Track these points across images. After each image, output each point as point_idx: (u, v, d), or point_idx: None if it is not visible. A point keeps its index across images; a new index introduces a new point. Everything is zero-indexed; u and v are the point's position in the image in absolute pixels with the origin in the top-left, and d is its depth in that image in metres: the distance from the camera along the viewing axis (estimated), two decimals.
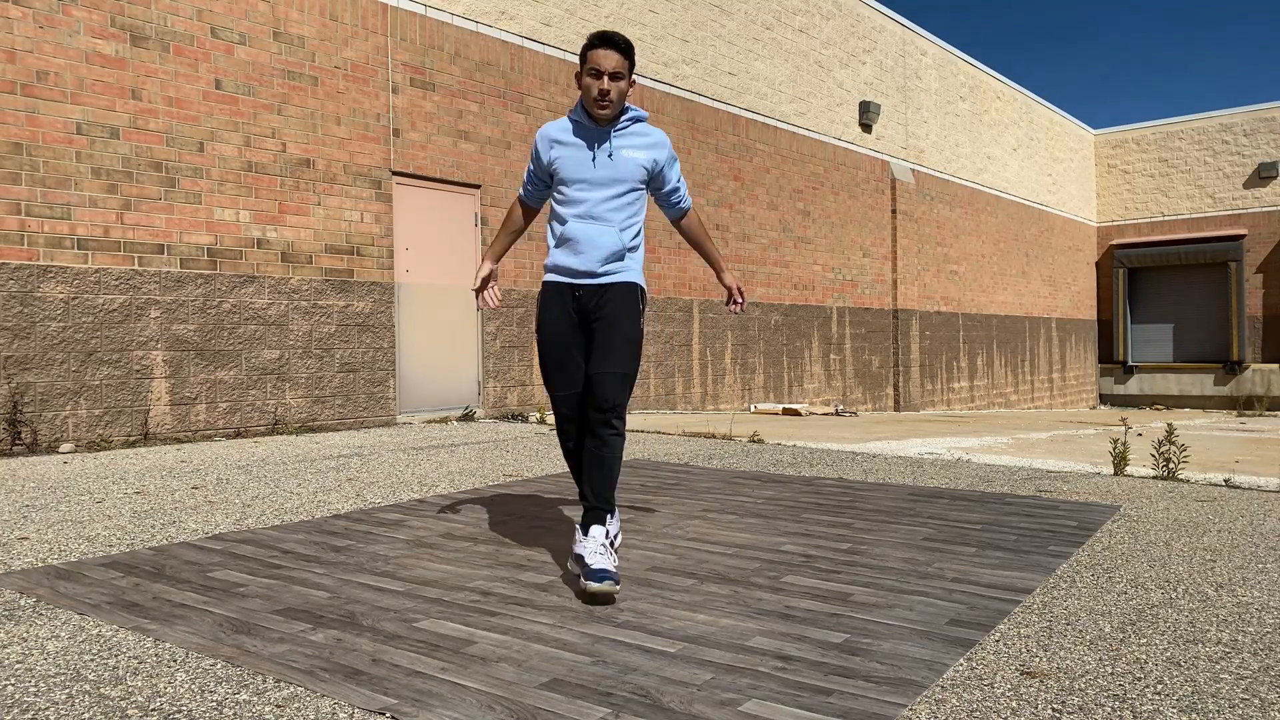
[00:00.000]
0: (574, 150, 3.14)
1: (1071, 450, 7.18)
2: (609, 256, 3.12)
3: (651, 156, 3.17)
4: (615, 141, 3.14)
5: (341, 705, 2.03)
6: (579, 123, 3.16)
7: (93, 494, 4.80)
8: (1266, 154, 22.30)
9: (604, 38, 3.07)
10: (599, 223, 3.12)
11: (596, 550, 2.89)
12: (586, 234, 3.11)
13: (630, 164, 3.13)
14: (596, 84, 3.05)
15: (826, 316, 14.84)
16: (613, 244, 3.11)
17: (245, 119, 7.83)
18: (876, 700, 2.05)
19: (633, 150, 3.15)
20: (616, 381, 3.04)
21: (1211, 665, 2.27)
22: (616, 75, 3.06)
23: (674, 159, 3.28)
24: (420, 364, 9.20)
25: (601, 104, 3.07)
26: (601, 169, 3.11)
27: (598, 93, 3.05)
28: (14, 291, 6.59)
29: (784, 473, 5.60)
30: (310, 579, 3.09)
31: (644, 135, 3.18)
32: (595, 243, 3.10)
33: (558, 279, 3.17)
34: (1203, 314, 23.24)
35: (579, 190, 3.12)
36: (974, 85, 19.27)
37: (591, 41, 3.08)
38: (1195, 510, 4.32)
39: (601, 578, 2.76)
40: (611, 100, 3.06)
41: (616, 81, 3.06)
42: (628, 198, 3.15)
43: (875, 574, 3.13)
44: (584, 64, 3.10)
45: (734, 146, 13.00)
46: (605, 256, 3.11)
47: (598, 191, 3.12)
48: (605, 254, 3.11)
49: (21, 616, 2.70)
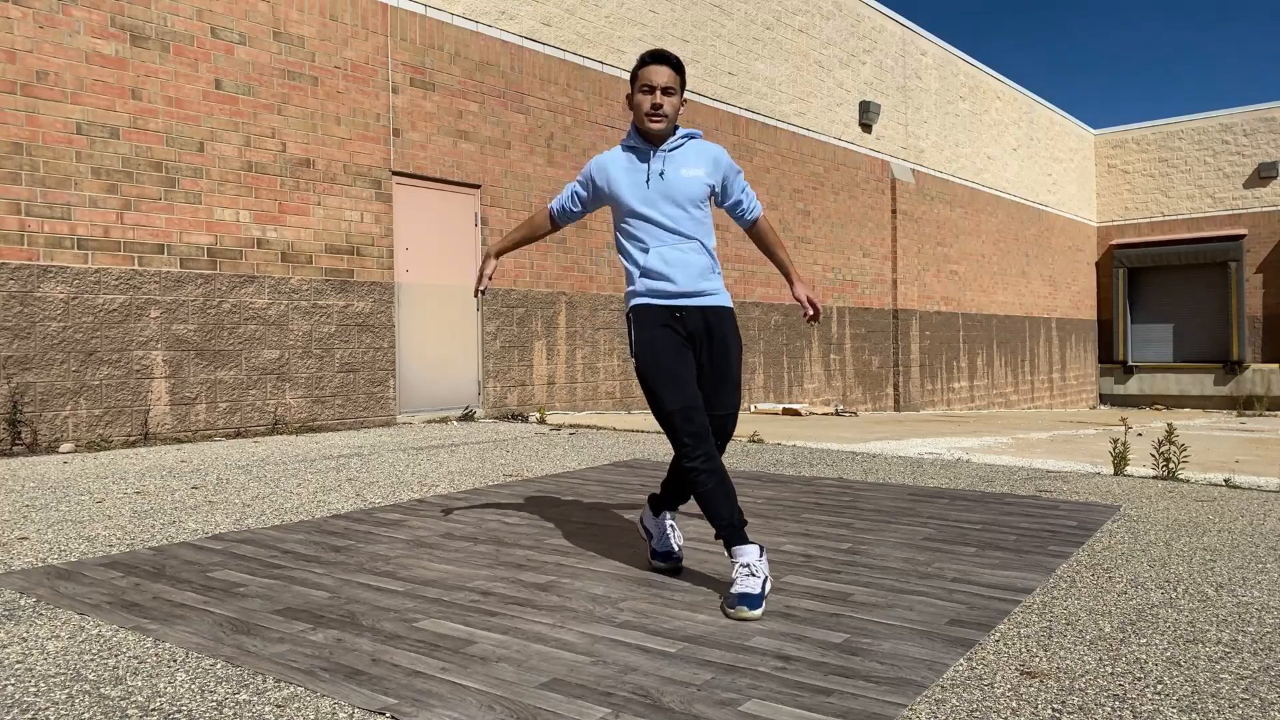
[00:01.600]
0: (633, 176, 3.10)
1: (1071, 450, 7.18)
2: (703, 270, 3.07)
3: (711, 171, 3.12)
4: (670, 163, 3.09)
5: (341, 705, 2.03)
6: (633, 147, 3.13)
7: (93, 494, 4.80)
8: (1266, 154, 22.30)
9: (655, 55, 3.08)
10: (679, 244, 3.06)
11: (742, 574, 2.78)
12: (673, 256, 3.04)
13: (691, 183, 3.08)
14: (649, 99, 3.04)
15: (826, 316, 14.84)
16: (701, 259, 3.07)
17: (245, 119, 7.83)
18: (876, 700, 2.05)
19: (691, 169, 3.10)
20: (733, 421, 3.09)
21: (1211, 665, 2.27)
22: (669, 90, 3.06)
23: (736, 170, 3.22)
24: (420, 364, 9.20)
25: (655, 118, 3.04)
26: (660, 191, 3.07)
27: (650, 106, 3.04)
28: (14, 291, 6.59)
29: (784, 473, 5.60)
30: (310, 579, 3.09)
31: (700, 151, 3.13)
32: (686, 262, 3.05)
33: (653, 301, 3.05)
34: (1203, 314, 23.24)
35: (646, 218, 3.07)
36: (974, 85, 19.27)
37: (643, 59, 3.09)
38: (1195, 510, 4.32)
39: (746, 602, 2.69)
40: (665, 114, 3.05)
41: (669, 96, 3.06)
42: (695, 215, 3.09)
43: (875, 574, 3.13)
44: (635, 82, 3.08)
45: (734, 146, 13.00)
46: (699, 272, 3.05)
47: (664, 213, 3.06)
48: (698, 269, 3.05)
49: (21, 616, 2.70)
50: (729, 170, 3.18)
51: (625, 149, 3.16)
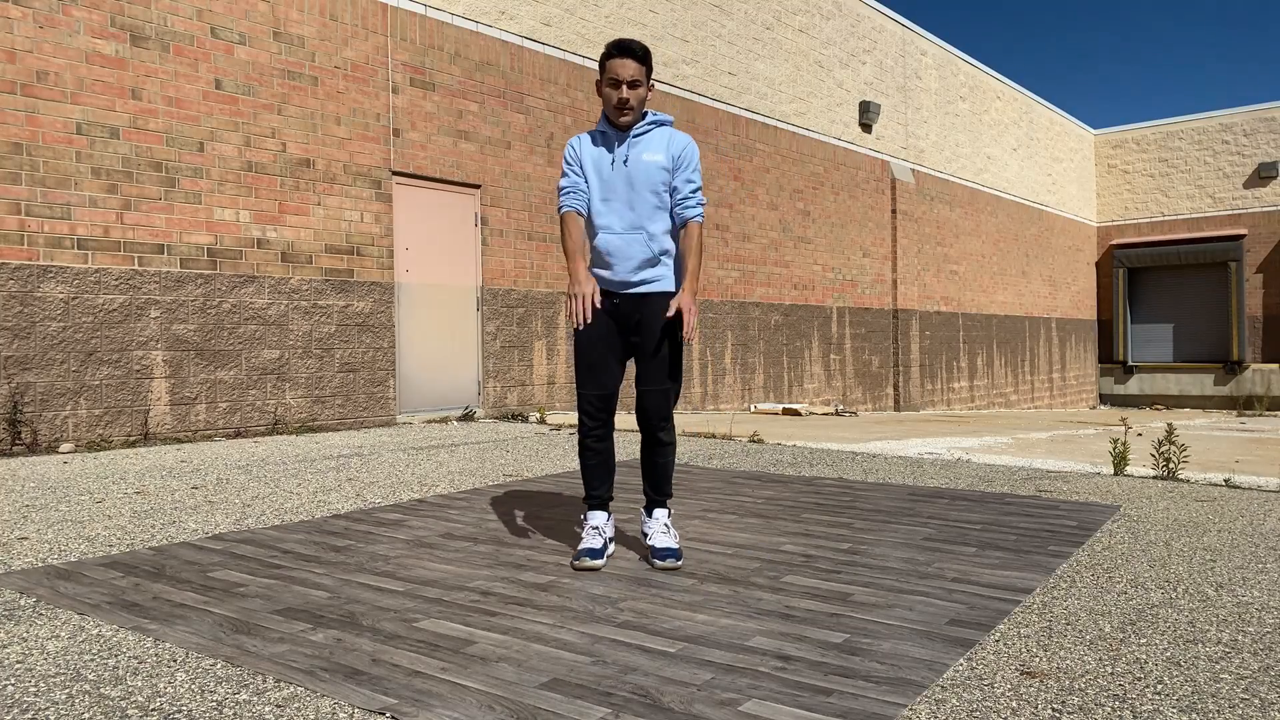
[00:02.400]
0: (596, 160, 3.23)
1: (1071, 450, 7.18)
2: (641, 264, 3.21)
3: (670, 158, 3.21)
4: (634, 148, 3.21)
5: (341, 705, 2.03)
6: (602, 132, 3.26)
7: (93, 494, 4.80)
8: (1266, 154, 22.30)
9: (620, 46, 3.15)
10: (626, 234, 3.20)
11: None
12: (615, 246, 3.20)
13: (648, 167, 3.19)
14: (616, 93, 3.16)
15: (826, 316, 14.84)
16: (642, 252, 3.21)
17: (245, 119, 7.83)
18: (876, 700, 2.05)
19: (651, 154, 3.20)
20: (660, 398, 3.25)
21: (1211, 665, 2.27)
22: (635, 83, 3.15)
23: (689, 160, 3.24)
24: (420, 364, 9.20)
25: (623, 112, 3.17)
26: (620, 175, 3.19)
27: (617, 101, 3.16)
28: (14, 291, 6.59)
29: (784, 473, 5.60)
30: (310, 579, 3.09)
31: (663, 138, 3.23)
32: (625, 253, 3.20)
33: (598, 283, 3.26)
34: (1202, 314, 23.24)
35: (605, 201, 3.21)
36: (974, 85, 19.27)
37: (609, 51, 3.17)
38: (1195, 510, 4.32)
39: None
40: (632, 107, 3.17)
41: (635, 89, 3.16)
42: (653, 201, 3.20)
43: (875, 574, 3.13)
44: (603, 74, 3.18)
45: (734, 146, 13.00)
46: (637, 265, 3.21)
47: (619, 199, 3.20)
48: (636, 263, 3.20)
49: (21, 616, 2.70)
50: (683, 159, 3.23)
51: (597, 134, 3.28)
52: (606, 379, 3.26)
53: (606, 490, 3.36)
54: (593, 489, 3.35)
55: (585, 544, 3.26)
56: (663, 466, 3.34)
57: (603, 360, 3.24)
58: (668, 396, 3.26)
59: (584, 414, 3.29)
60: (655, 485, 3.36)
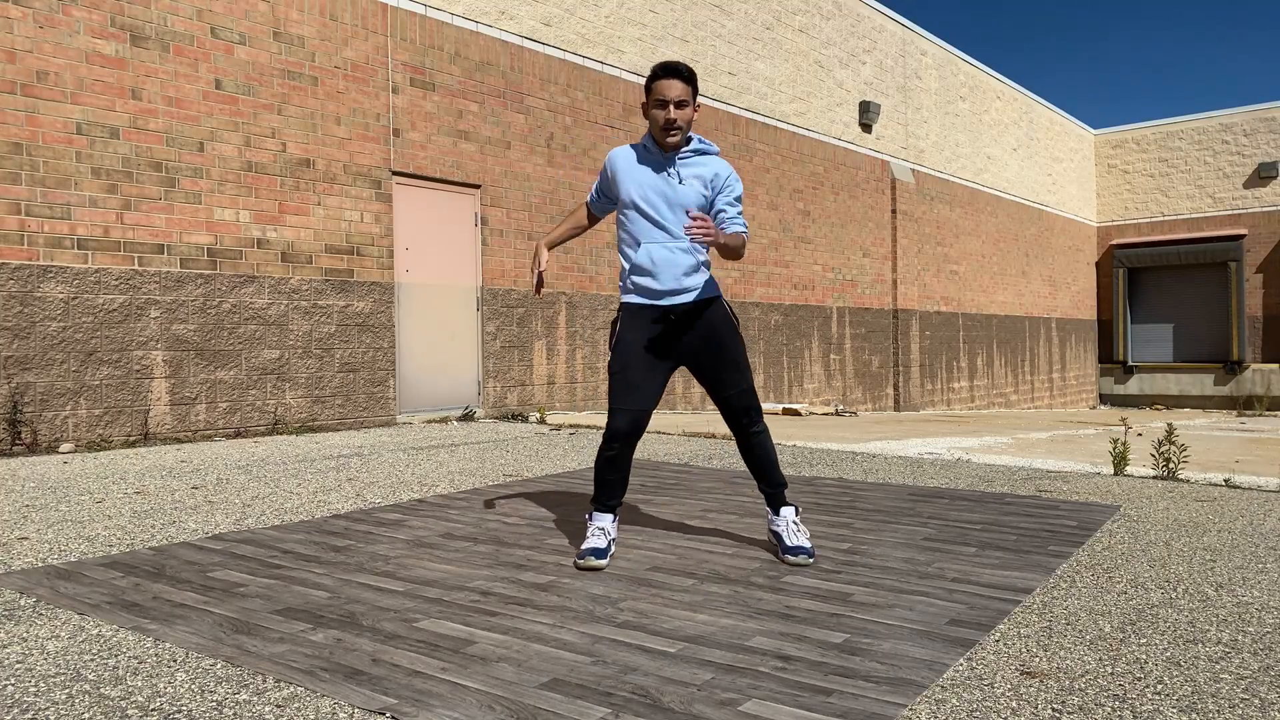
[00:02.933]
0: (641, 176, 3.28)
1: (1071, 450, 7.18)
2: (687, 270, 3.26)
3: (711, 186, 3.29)
4: (682, 171, 3.27)
5: (341, 705, 2.03)
6: (647, 149, 3.30)
7: (93, 494, 4.80)
8: (1266, 154, 22.30)
9: (668, 69, 3.21)
10: (668, 242, 3.25)
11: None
12: (660, 256, 3.24)
13: (693, 193, 3.26)
14: (663, 114, 3.20)
15: (826, 316, 14.84)
16: (687, 260, 3.26)
17: (245, 119, 7.83)
18: (876, 700, 2.05)
19: (696, 180, 3.27)
20: (745, 396, 3.32)
21: (1211, 665, 2.27)
22: (682, 103, 3.20)
23: (732, 183, 3.31)
24: (420, 364, 9.20)
25: (670, 133, 3.21)
26: (668, 195, 3.25)
27: (664, 122, 3.19)
28: (14, 291, 6.59)
29: (784, 473, 5.60)
30: (310, 579, 3.09)
31: (707, 165, 3.29)
32: (670, 261, 3.25)
33: (640, 300, 3.29)
34: (1202, 314, 23.24)
35: (647, 216, 3.26)
36: (974, 85, 19.27)
37: (655, 73, 3.23)
38: (1195, 510, 4.32)
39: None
40: (679, 127, 3.21)
41: (682, 109, 3.21)
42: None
43: (875, 574, 3.13)
44: (649, 95, 3.24)
45: (734, 146, 13.00)
46: (683, 271, 3.26)
47: (660, 213, 3.26)
48: (683, 269, 3.26)
49: (21, 616, 2.70)
50: (725, 187, 3.30)
51: (641, 148, 3.33)
52: (647, 398, 3.25)
53: (618, 501, 3.37)
54: (606, 499, 3.34)
55: (589, 543, 3.26)
56: (765, 457, 3.36)
57: (646, 378, 3.25)
58: (748, 394, 3.32)
59: (616, 430, 3.23)
60: (769, 478, 3.38)
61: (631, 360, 3.24)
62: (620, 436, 3.24)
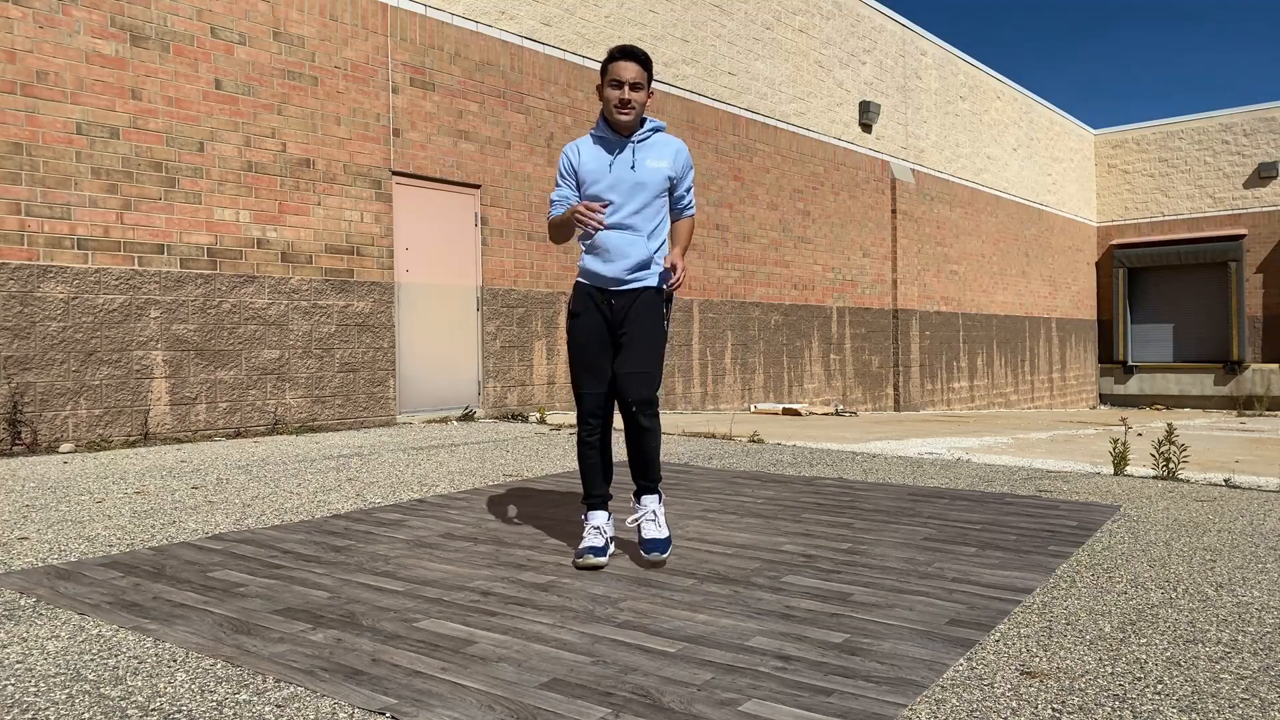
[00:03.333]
0: (599, 162, 3.31)
1: (1071, 450, 7.18)
2: (636, 265, 3.29)
3: (673, 164, 3.35)
4: (639, 153, 3.32)
5: (341, 705, 2.03)
6: (602, 136, 3.35)
7: (93, 494, 4.80)
8: (1266, 154, 22.30)
9: (624, 51, 3.27)
10: (628, 231, 3.29)
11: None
12: (616, 243, 3.28)
13: (655, 173, 3.31)
14: (618, 93, 3.25)
15: (826, 316, 14.84)
16: (641, 253, 3.30)
17: (245, 119, 7.83)
18: (876, 700, 2.05)
19: (656, 160, 3.32)
20: (642, 379, 3.27)
21: (1211, 665, 2.27)
22: (636, 85, 3.26)
23: (690, 167, 3.44)
24: (420, 364, 9.20)
25: (623, 111, 3.26)
26: (627, 178, 3.28)
27: (619, 101, 3.25)
28: (14, 291, 6.59)
29: (784, 473, 5.60)
30: (310, 579, 3.09)
31: (666, 145, 3.36)
32: (624, 251, 3.28)
33: (589, 284, 3.35)
34: (1203, 314, 23.24)
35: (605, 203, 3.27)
36: (974, 85, 19.27)
37: (612, 54, 3.28)
38: (1195, 510, 4.32)
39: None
40: (633, 108, 3.26)
41: (636, 91, 3.26)
42: (654, 205, 3.33)
43: (875, 574, 3.13)
44: (605, 76, 3.29)
45: (734, 146, 13.00)
46: (633, 265, 3.29)
47: (624, 200, 3.28)
48: (633, 263, 3.29)
49: (21, 616, 2.70)
50: (685, 167, 3.41)
51: (595, 139, 3.37)
52: (604, 377, 3.33)
53: (606, 490, 3.42)
54: (594, 489, 3.40)
55: (587, 542, 3.28)
56: (647, 451, 3.34)
57: (598, 360, 3.33)
58: (650, 379, 3.29)
59: (587, 414, 3.35)
60: (643, 471, 3.36)
61: (590, 340, 3.31)
62: (597, 414, 3.33)
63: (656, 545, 3.24)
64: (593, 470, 3.39)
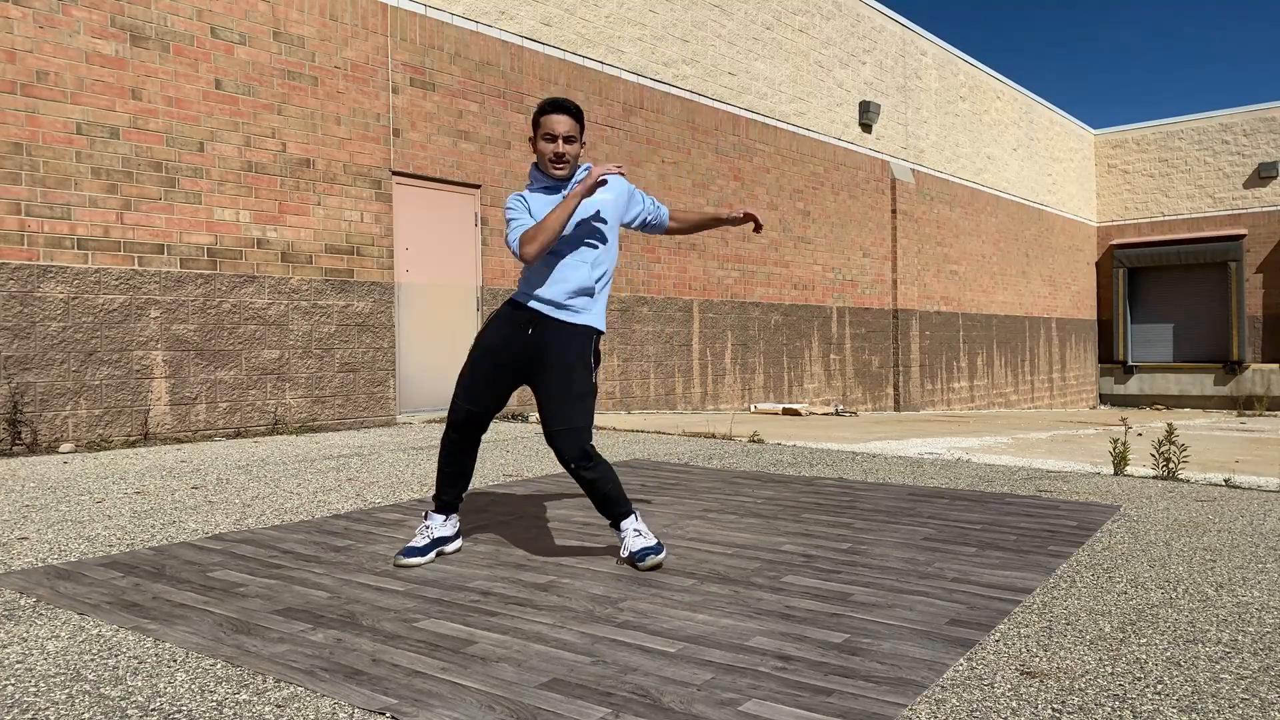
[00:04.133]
0: (544, 207, 3.26)
1: (1071, 450, 7.18)
2: (576, 291, 3.23)
3: (614, 188, 3.35)
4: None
5: (341, 705, 2.03)
6: (545, 186, 3.30)
7: (93, 494, 4.80)
8: (1266, 154, 22.30)
9: (555, 104, 3.23)
10: (572, 257, 3.24)
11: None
12: (558, 272, 3.22)
13: (605, 203, 3.30)
14: (551, 147, 3.22)
15: (826, 316, 14.84)
16: (582, 279, 3.24)
17: (245, 119, 7.83)
18: (876, 700, 2.05)
19: (602, 192, 3.31)
20: (569, 437, 3.13)
21: (1211, 665, 2.27)
22: (570, 138, 3.23)
23: (633, 191, 3.44)
24: (420, 364, 9.20)
25: (558, 165, 3.24)
26: (580, 212, 3.26)
27: (553, 155, 3.22)
28: (14, 291, 6.59)
29: (784, 473, 5.60)
30: (310, 579, 3.09)
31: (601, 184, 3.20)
32: (563, 275, 3.23)
33: (519, 300, 3.27)
34: (1203, 314, 23.24)
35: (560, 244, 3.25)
36: (974, 85, 19.27)
37: (543, 107, 3.24)
38: (1195, 510, 4.32)
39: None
40: (566, 161, 3.24)
41: (570, 144, 3.24)
42: (602, 235, 3.29)
43: (875, 574, 3.13)
44: (537, 129, 3.25)
45: (734, 146, 13.00)
46: (572, 290, 3.23)
47: (570, 239, 3.25)
48: (573, 288, 3.23)
49: (21, 616, 2.70)
50: (626, 186, 3.40)
51: (535, 190, 3.31)
52: (490, 399, 3.24)
53: (455, 497, 3.34)
54: (442, 492, 3.33)
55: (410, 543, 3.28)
56: (602, 495, 3.21)
57: (494, 377, 3.23)
58: (581, 434, 3.13)
59: (453, 425, 3.26)
60: (605, 509, 3.24)
61: (487, 358, 3.22)
62: (458, 428, 3.26)
63: (648, 551, 3.16)
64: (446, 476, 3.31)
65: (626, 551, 3.21)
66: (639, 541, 3.20)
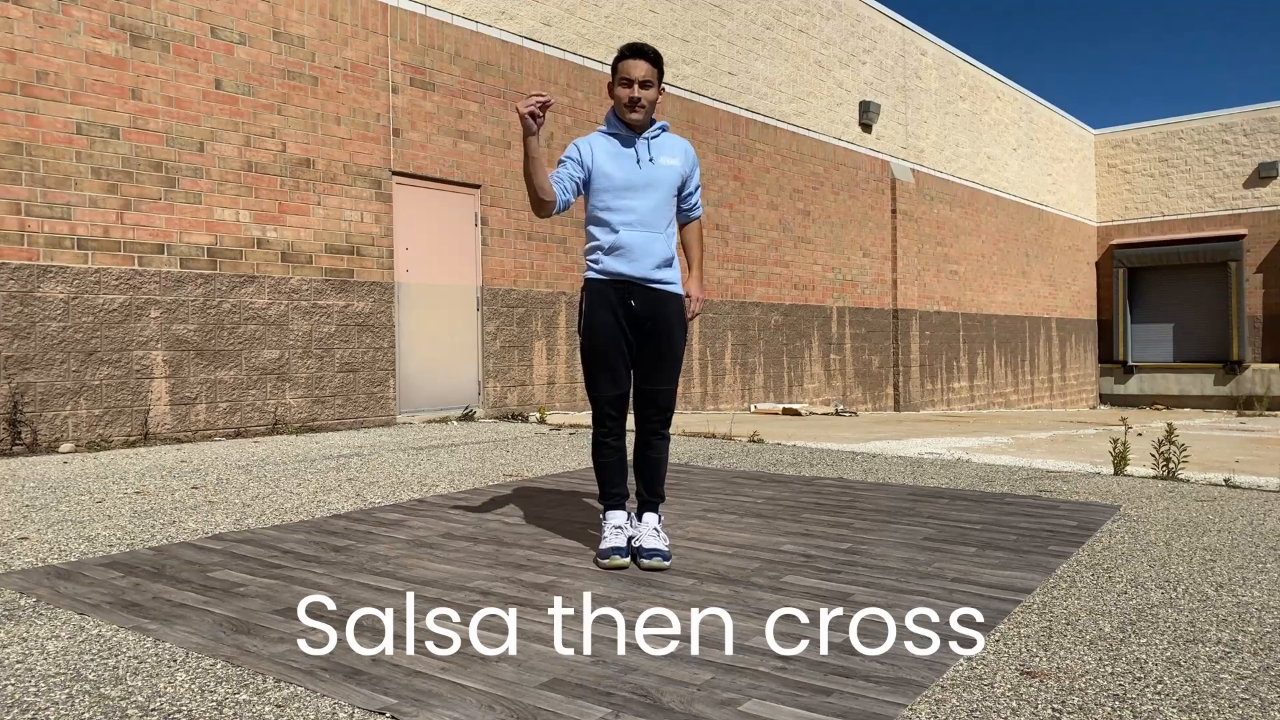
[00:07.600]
0: (614, 160, 3.29)
1: (1071, 450, 7.18)
2: (661, 262, 3.30)
3: (683, 162, 3.38)
4: (653, 150, 3.32)
5: (341, 705, 2.03)
6: (614, 134, 3.33)
7: (93, 494, 4.80)
8: (1266, 154, 22.29)
9: (634, 49, 3.27)
10: (649, 230, 3.28)
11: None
12: (638, 241, 3.26)
13: (669, 170, 3.32)
14: (628, 91, 3.25)
15: (826, 316, 14.84)
16: (664, 250, 3.31)
17: (245, 119, 7.83)
18: (876, 700, 2.05)
19: (668, 158, 3.33)
20: (670, 396, 3.35)
21: (1211, 665, 2.27)
22: (646, 83, 3.26)
23: (697, 165, 3.48)
24: (420, 364, 9.20)
25: (634, 110, 3.25)
26: (644, 175, 3.28)
27: (628, 100, 3.25)
28: (14, 291, 6.59)
29: (784, 473, 5.60)
30: (310, 579, 3.09)
31: (675, 143, 3.37)
32: (648, 249, 3.27)
33: (607, 280, 3.29)
34: (1203, 314, 23.23)
35: (624, 198, 3.26)
36: (974, 85, 19.27)
37: (622, 52, 3.28)
38: (1195, 510, 4.32)
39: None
40: (643, 105, 3.26)
41: (646, 89, 3.26)
42: (669, 203, 3.35)
43: (875, 574, 3.13)
44: (615, 74, 3.29)
45: (734, 146, 13.00)
46: (658, 262, 3.29)
47: (642, 199, 3.27)
48: (658, 260, 3.29)
49: (21, 616, 2.70)
50: (693, 164, 3.44)
51: (606, 135, 3.35)
52: (625, 373, 3.32)
53: (624, 488, 3.41)
54: (612, 486, 3.38)
55: (610, 542, 3.27)
56: (660, 464, 3.38)
57: (616, 364, 3.30)
58: (674, 394, 3.36)
59: (604, 416, 3.33)
60: (650, 485, 3.38)
61: (608, 342, 3.28)
62: (615, 415, 3.32)
63: (658, 552, 3.21)
64: (610, 468, 3.37)
65: (638, 542, 3.26)
66: (653, 541, 3.25)
